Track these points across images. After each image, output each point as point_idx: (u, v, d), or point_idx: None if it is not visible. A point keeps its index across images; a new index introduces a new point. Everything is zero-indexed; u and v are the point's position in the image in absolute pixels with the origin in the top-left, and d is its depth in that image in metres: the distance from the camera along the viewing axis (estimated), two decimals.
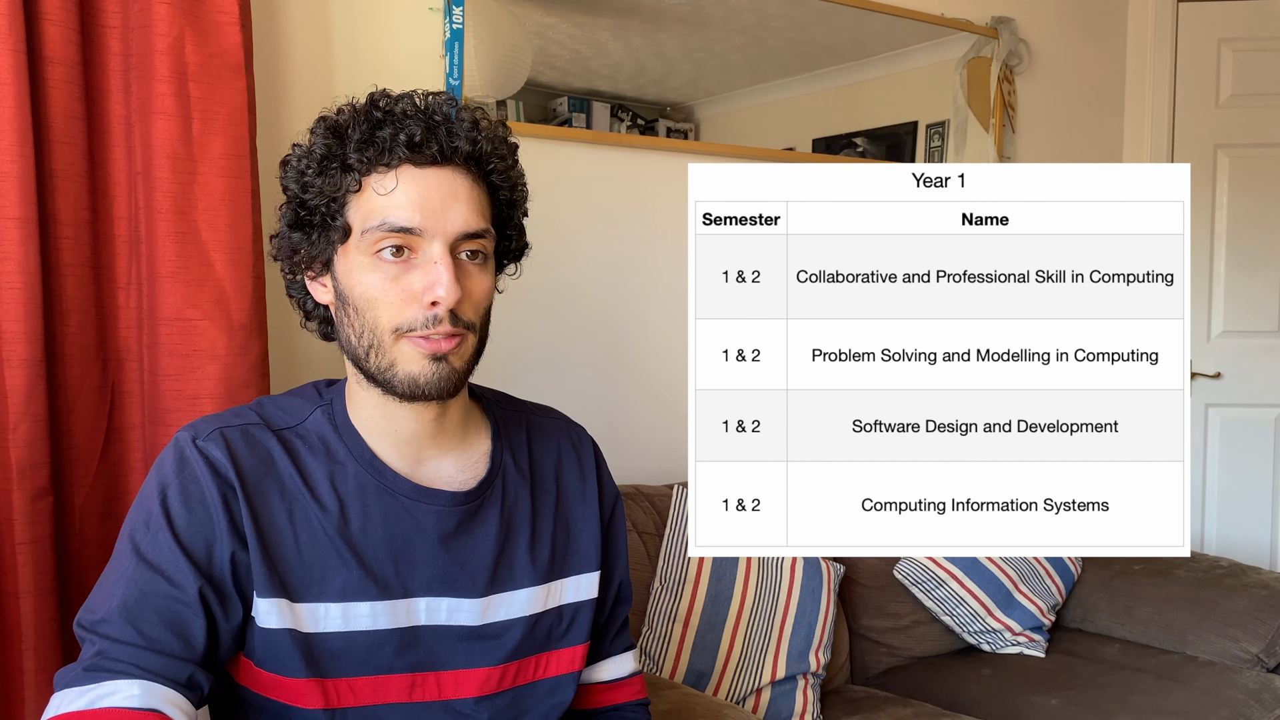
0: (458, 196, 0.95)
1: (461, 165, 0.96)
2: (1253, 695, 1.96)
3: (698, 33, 2.23)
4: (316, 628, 0.97)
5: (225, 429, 0.98)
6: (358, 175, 0.95)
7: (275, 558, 0.96)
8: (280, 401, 1.05)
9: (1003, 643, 2.20)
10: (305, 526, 0.98)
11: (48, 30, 1.35)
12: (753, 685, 1.85)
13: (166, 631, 0.92)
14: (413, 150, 0.94)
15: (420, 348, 0.95)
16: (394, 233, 0.93)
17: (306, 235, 0.98)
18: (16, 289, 1.32)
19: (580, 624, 1.11)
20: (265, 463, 0.98)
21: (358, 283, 0.96)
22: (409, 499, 1.01)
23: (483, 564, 1.04)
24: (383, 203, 0.94)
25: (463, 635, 1.03)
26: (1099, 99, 3.07)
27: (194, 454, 0.96)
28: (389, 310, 0.94)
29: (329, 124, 0.98)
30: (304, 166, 0.97)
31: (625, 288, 2.18)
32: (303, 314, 1.06)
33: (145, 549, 0.94)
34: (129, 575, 0.93)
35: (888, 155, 2.61)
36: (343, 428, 1.02)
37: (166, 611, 0.92)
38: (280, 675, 0.98)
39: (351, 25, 1.80)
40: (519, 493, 1.08)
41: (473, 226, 0.96)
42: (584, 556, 1.12)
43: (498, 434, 1.09)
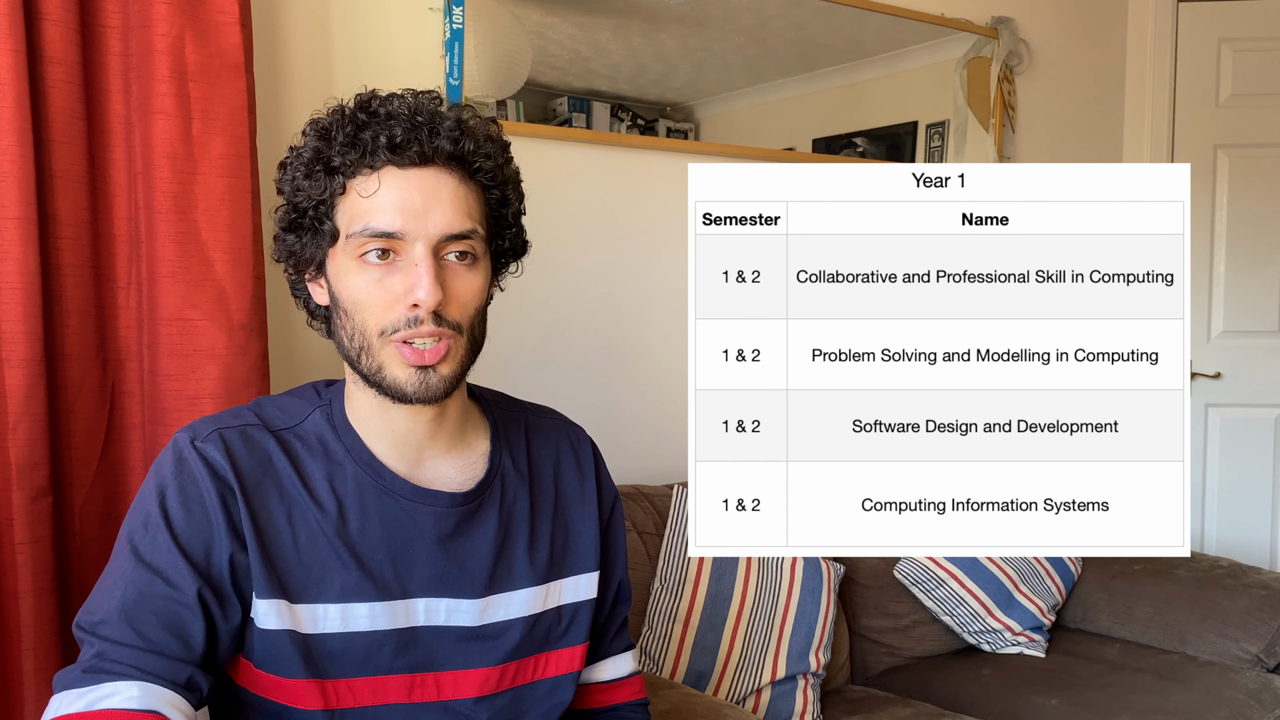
0: (440, 198, 0.95)
1: (445, 165, 0.96)
2: (1253, 695, 1.96)
3: (698, 33, 2.23)
4: (315, 629, 0.97)
5: (223, 430, 0.98)
6: (342, 178, 0.95)
7: (274, 559, 0.96)
8: (279, 402, 1.05)
9: (1003, 643, 2.20)
10: (304, 527, 0.98)
11: (48, 30, 1.35)
12: (753, 685, 1.84)
13: (165, 633, 0.92)
14: (394, 151, 0.94)
15: (406, 357, 0.95)
16: (376, 237, 0.94)
17: (299, 238, 0.99)
18: (16, 289, 1.32)
19: (579, 624, 1.11)
20: (264, 464, 0.98)
21: (345, 285, 0.96)
22: (407, 500, 1.01)
23: (481, 564, 1.03)
24: (365, 206, 0.94)
25: (461, 636, 1.03)
26: (1099, 99, 3.07)
27: (192, 455, 0.96)
28: (374, 313, 0.94)
29: (317, 126, 0.98)
30: (295, 168, 0.98)
31: (625, 288, 2.17)
32: (307, 314, 1.06)
33: (144, 550, 0.94)
34: (128, 577, 0.93)
35: (888, 155, 2.61)
36: (341, 428, 1.02)
37: (165, 613, 0.92)
38: (279, 676, 0.98)
39: (351, 25, 1.80)
40: (518, 493, 1.08)
41: (456, 228, 0.95)
42: (583, 557, 1.11)
43: (496, 434, 1.09)
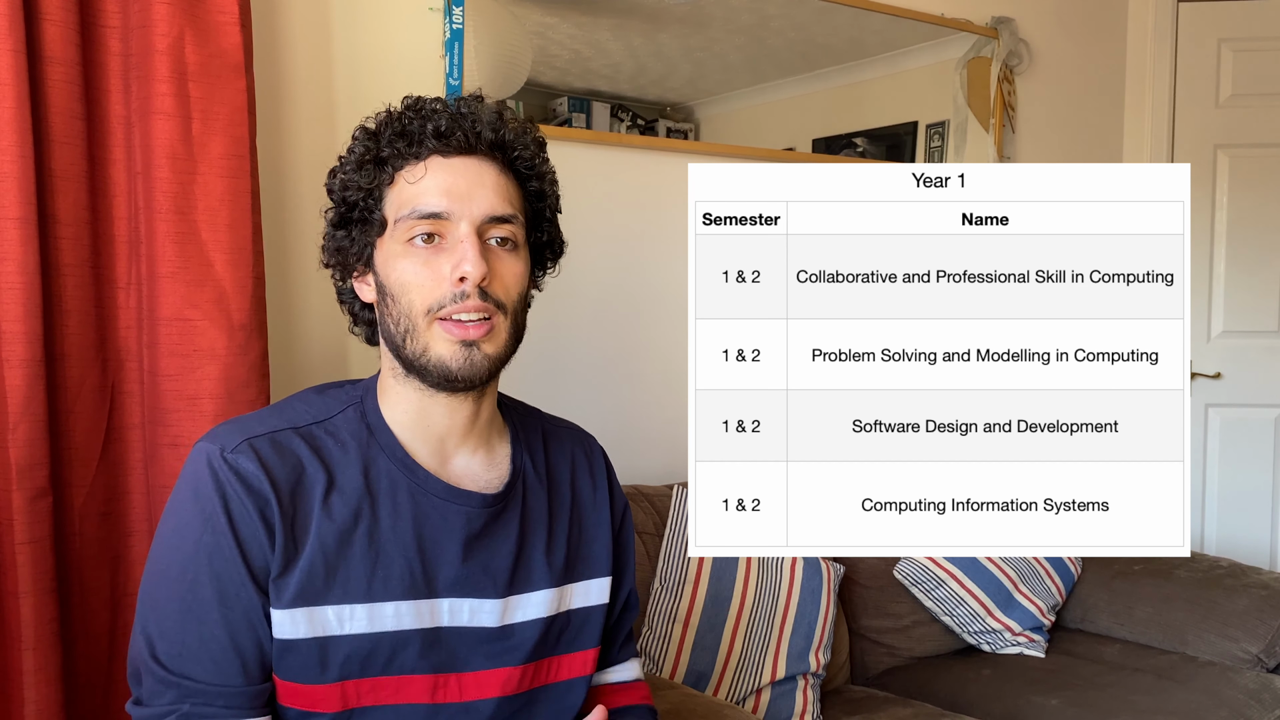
0: (484, 183, 0.99)
1: (487, 154, 1.01)
2: (1253, 695, 1.96)
3: (698, 33, 2.23)
4: (342, 630, 0.97)
5: (253, 440, 0.98)
6: (390, 169, 1.00)
7: (303, 566, 0.97)
8: (305, 398, 1.06)
9: (1003, 643, 2.20)
10: (334, 529, 0.98)
11: (48, 30, 1.35)
12: (753, 685, 1.84)
13: (242, 663, 0.96)
14: (439, 140, 0.98)
15: (451, 333, 0.97)
16: (424, 219, 0.97)
17: (349, 233, 1.03)
18: (16, 289, 1.32)
19: (591, 628, 1.11)
20: (295, 469, 0.98)
21: (393, 270, 0.99)
22: (440, 499, 1.02)
23: (502, 565, 1.04)
24: (413, 191, 0.98)
25: (483, 637, 1.03)
26: (1099, 99, 3.07)
27: (225, 470, 0.96)
28: (421, 293, 0.97)
29: (365, 130, 1.03)
30: (344, 167, 1.02)
31: (625, 288, 2.17)
32: (351, 318, 1.09)
33: (203, 579, 0.96)
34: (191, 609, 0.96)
35: (888, 155, 2.61)
36: (375, 425, 1.03)
37: (238, 643, 0.96)
38: (296, 683, 0.98)
39: (351, 25, 1.80)
40: (536, 496, 1.09)
41: (498, 210, 0.99)
42: (596, 562, 1.12)
43: (517, 438, 1.11)
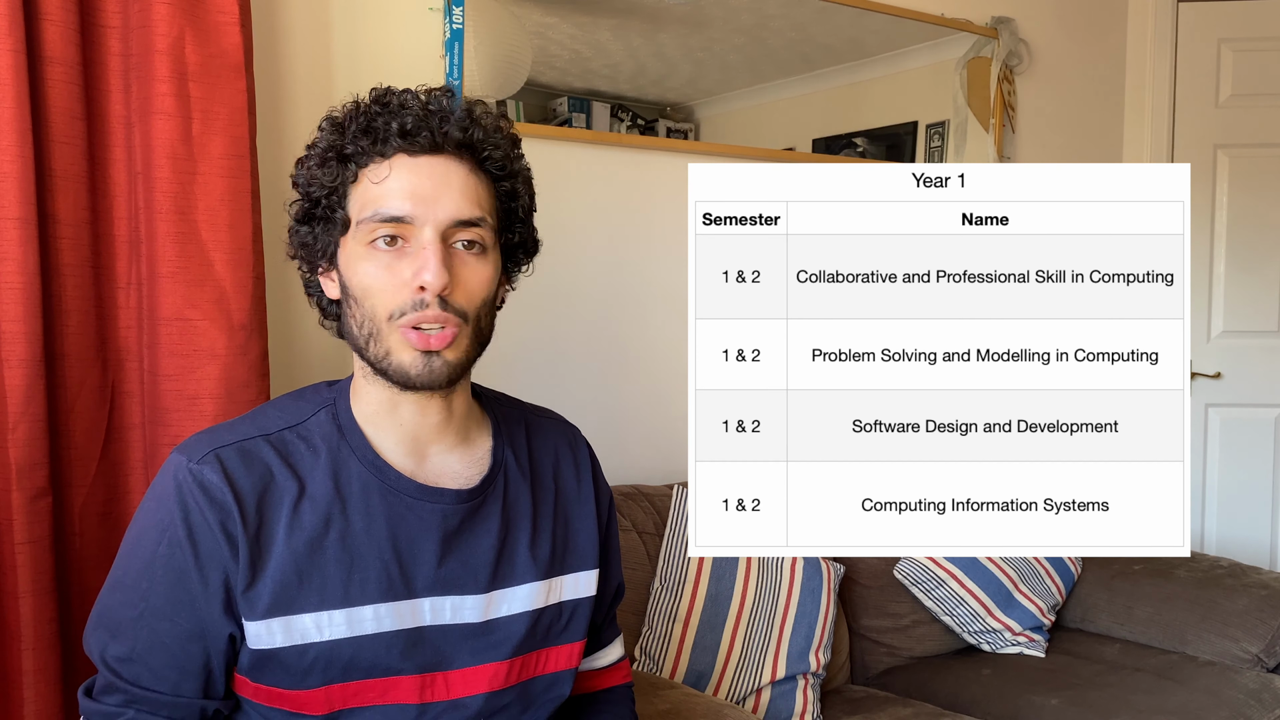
0: (450, 185, 0.96)
1: (455, 153, 0.97)
2: (1253, 695, 1.96)
3: (698, 33, 2.23)
4: (321, 637, 0.97)
5: (219, 450, 0.97)
6: (355, 166, 0.97)
7: (273, 576, 0.96)
8: (281, 404, 1.05)
9: (1003, 643, 2.20)
10: (305, 536, 0.97)
11: (48, 30, 1.35)
12: (753, 685, 1.84)
13: (181, 675, 0.96)
14: (405, 139, 0.95)
15: (412, 341, 0.95)
16: (386, 222, 0.95)
17: (312, 229, 1.00)
18: (16, 289, 1.32)
19: (579, 621, 1.11)
20: (263, 478, 0.97)
21: (355, 272, 0.97)
22: (412, 498, 1.01)
23: (484, 560, 1.03)
24: (376, 192, 0.95)
25: (466, 633, 1.02)
26: (1099, 99, 3.07)
27: (189, 481, 0.96)
28: (383, 298, 0.95)
29: (333, 120, 1.00)
30: (309, 161, 0.99)
31: (625, 288, 2.17)
32: (320, 311, 1.07)
33: (156, 589, 0.96)
34: (139, 617, 0.96)
35: (888, 155, 2.61)
36: (346, 426, 1.02)
37: (183, 654, 0.96)
38: (279, 688, 0.98)
39: (351, 25, 1.80)
40: (519, 489, 1.08)
41: (464, 214, 0.96)
42: (583, 554, 1.12)
43: (498, 431, 1.10)
